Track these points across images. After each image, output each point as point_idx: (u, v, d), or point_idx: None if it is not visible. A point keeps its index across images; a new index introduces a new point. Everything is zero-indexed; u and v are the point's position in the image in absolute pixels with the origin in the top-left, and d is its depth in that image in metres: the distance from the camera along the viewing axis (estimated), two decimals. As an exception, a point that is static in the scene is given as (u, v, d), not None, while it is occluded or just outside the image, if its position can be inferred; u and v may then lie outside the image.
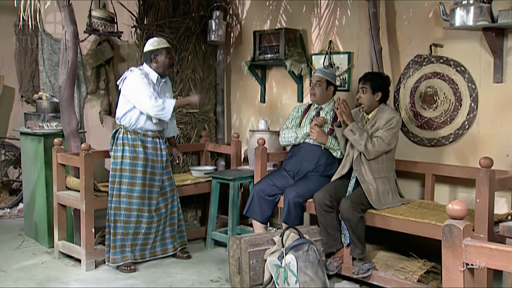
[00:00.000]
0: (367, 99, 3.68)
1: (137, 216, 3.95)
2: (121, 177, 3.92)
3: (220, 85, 5.39)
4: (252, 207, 4.00)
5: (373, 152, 3.54)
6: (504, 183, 3.15)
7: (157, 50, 3.98)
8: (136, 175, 3.94)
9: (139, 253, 4.05)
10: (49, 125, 4.72)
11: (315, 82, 4.08)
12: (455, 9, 3.46)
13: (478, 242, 1.64)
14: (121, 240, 3.93)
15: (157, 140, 4.05)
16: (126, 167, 3.93)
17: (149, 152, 4.01)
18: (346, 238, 3.51)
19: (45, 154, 4.45)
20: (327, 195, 3.56)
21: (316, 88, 4.07)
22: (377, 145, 3.53)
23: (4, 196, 5.98)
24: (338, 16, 4.50)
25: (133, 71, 3.97)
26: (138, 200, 3.95)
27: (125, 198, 3.92)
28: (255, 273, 3.43)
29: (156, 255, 4.14)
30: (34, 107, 5.56)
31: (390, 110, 3.66)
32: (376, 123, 3.62)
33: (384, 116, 3.61)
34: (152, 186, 4.03)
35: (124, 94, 3.96)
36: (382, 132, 3.56)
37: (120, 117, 3.98)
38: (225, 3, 5.27)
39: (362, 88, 3.69)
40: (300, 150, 4.08)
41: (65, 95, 4.20)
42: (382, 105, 3.70)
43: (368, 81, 3.67)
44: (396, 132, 3.60)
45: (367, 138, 3.55)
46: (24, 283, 3.67)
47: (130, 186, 3.93)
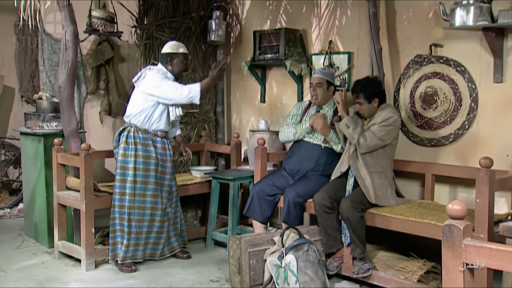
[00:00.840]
0: (366, 110, 3.65)
1: (150, 214, 3.97)
2: (135, 176, 3.92)
3: (220, 85, 5.39)
4: (252, 207, 4.00)
5: (364, 146, 3.53)
6: (504, 183, 3.15)
7: (175, 54, 4.04)
8: (149, 174, 3.96)
9: (150, 251, 4.08)
10: (49, 125, 4.72)
11: (315, 84, 4.06)
12: (455, 9, 3.46)
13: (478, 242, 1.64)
14: (135, 239, 3.94)
15: (165, 140, 4.10)
16: (139, 166, 3.93)
17: (159, 152, 4.04)
18: (346, 237, 3.51)
19: (45, 154, 4.45)
20: (327, 196, 3.56)
21: (318, 90, 4.05)
22: (369, 139, 3.52)
23: (4, 196, 5.98)
24: (338, 16, 4.50)
25: (153, 69, 4.01)
26: (151, 199, 3.97)
27: (139, 197, 3.93)
28: (255, 273, 3.43)
29: (165, 254, 4.17)
30: (34, 107, 5.56)
31: (390, 109, 3.65)
32: (374, 120, 3.63)
33: (382, 114, 3.60)
34: (163, 185, 4.07)
35: (145, 90, 3.94)
36: (375, 127, 3.55)
37: (132, 115, 3.97)
38: (225, 3, 5.28)
39: (358, 102, 3.66)
40: (300, 149, 4.08)
41: (65, 95, 4.21)
42: (383, 105, 3.68)
43: (360, 93, 3.62)
44: (391, 130, 3.57)
45: (360, 132, 3.55)
46: (24, 283, 3.67)
47: (144, 184, 3.94)
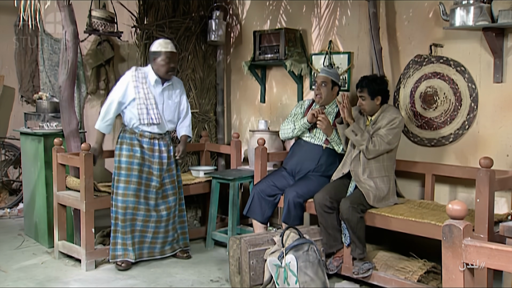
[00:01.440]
0: (368, 105, 3.66)
1: (132, 214, 3.95)
2: (119, 175, 3.93)
3: (220, 85, 5.39)
4: (252, 207, 4.00)
5: (373, 151, 3.54)
6: (504, 183, 3.15)
7: (158, 52, 3.95)
8: (132, 173, 3.93)
9: (147, 251, 4.08)
10: (49, 125, 4.72)
11: (320, 82, 4.03)
12: (455, 9, 3.46)
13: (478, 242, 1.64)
14: (122, 239, 3.94)
15: (155, 142, 4.02)
16: (122, 165, 3.93)
17: (146, 152, 4.00)
18: (346, 238, 3.51)
19: (45, 154, 4.45)
20: (327, 196, 3.56)
21: (322, 89, 4.02)
22: (378, 144, 3.53)
23: (4, 196, 5.98)
24: (338, 16, 4.50)
25: (130, 70, 3.99)
26: (133, 199, 3.93)
27: (120, 197, 3.91)
28: (255, 273, 3.43)
29: (165, 254, 4.16)
30: (34, 107, 5.56)
31: (393, 110, 3.65)
32: (379, 123, 3.62)
33: (386, 116, 3.60)
34: (149, 186, 4.02)
35: None
36: (383, 131, 3.55)
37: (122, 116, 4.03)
38: (225, 3, 5.28)
39: (360, 97, 3.67)
40: (301, 149, 4.07)
41: (65, 95, 4.20)
42: (384, 105, 3.69)
43: (365, 88, 3.63)
44: (397, 132, 3.59)
45: (368, 138, 3.55)
46: (24, 283, 3.67)
47: (126, 184, 3.92)
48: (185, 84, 5.09)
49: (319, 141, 4.02)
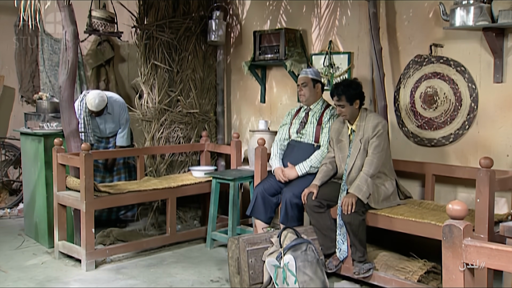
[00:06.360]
0: (348, 111, 3.60)
1: None
2: None
3: (220, 85, 5.39)
4: (256, 207, 3.99)
5: (376, 169, 3.49)
6: (504, 183, 3.15)
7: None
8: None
9: None
10: (49, 125, 4.72)
11: (301, 84, 4.06)
12: (455, 9, 3.46)
13: (478, 242, 1.64)
14: None
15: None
16: None
17: None
18: (342, 252, 3.49)
19: (45, 154, 4.44)
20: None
21: (304, 90, 4.04)
22: (376, 160, 3.48)
23: (4, 196, 5.98)
24: (338, 16, 4.50)
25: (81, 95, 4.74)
26: None
27: None
28: (254, 272, 3.43)
29: None
30: (34, 107, 5.56)
31: (373, 117, 3.60)
32: (365, 134, 3.56)
33: (369, 125, 3.55)
34: None
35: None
36: (373, 144, 3.50)
37: None
38: (225, 3, 5.28)
39: (339, 105, 3.61)
40: (293, 149, 4.06)
41: (65, 95, 4.20)
42: (362, 113, 3.63)
43: (342, 95, 3.58)
44: (385, 136, 3.56)
45: (370, 180, 3.45)
46: (24, 283, 3.67)
47: None
48: (185, 84, 5.11)
49: (309, 139, 4.01)
